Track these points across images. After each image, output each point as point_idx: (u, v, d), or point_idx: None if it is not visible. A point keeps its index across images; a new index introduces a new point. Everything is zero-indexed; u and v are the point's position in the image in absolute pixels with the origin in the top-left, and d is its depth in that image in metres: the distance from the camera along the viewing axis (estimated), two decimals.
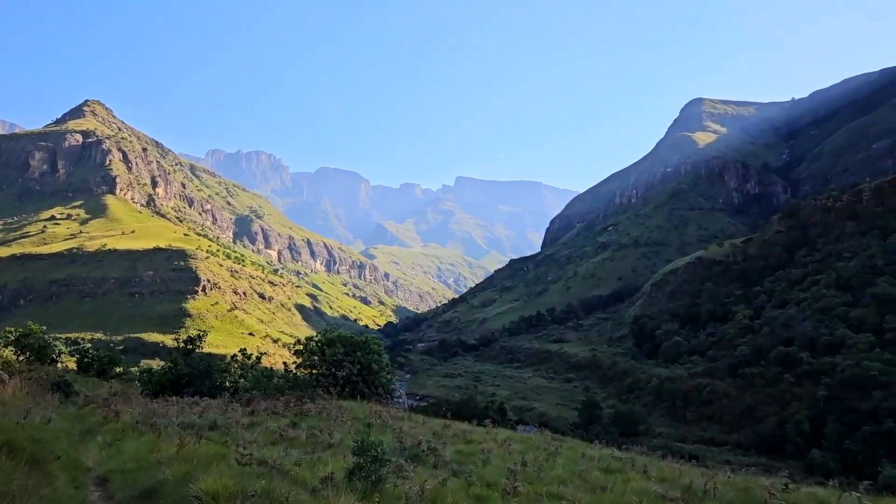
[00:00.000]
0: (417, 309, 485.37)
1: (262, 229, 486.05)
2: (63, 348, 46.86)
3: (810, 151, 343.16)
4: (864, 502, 13.10)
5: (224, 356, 43.83)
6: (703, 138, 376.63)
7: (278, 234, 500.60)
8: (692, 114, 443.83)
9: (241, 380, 31.43)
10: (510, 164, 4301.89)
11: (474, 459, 16.30)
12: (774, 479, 15.90)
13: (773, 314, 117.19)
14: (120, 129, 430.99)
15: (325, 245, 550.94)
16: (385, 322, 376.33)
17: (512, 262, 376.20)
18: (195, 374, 30.67)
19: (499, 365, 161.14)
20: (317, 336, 33.07)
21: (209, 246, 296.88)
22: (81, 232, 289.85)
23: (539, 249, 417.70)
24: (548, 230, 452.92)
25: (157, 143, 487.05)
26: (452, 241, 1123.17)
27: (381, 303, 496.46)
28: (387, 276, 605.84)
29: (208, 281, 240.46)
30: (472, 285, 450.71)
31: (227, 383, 31.25)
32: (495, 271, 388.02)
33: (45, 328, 45.04)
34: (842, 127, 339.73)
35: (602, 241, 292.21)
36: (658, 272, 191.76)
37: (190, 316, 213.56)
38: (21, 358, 38.07)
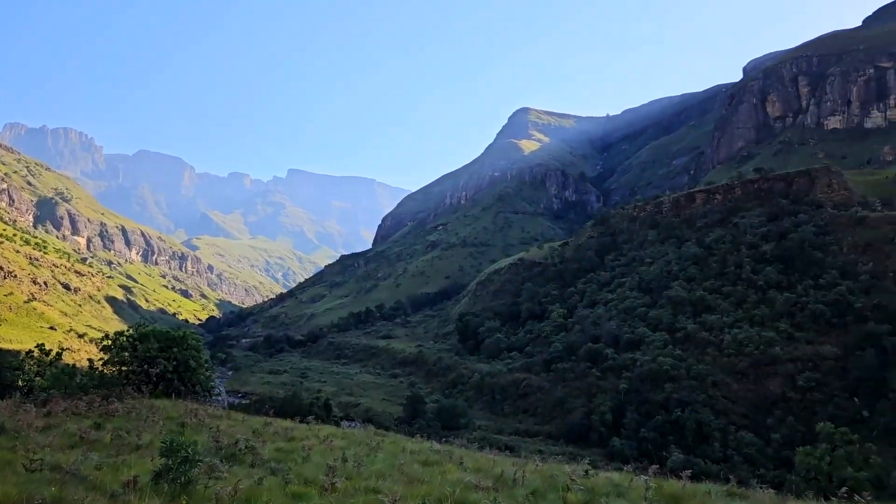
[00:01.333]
0: (243, 303, 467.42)
1: (70, 214, 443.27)
2: None
3: (621, 164, 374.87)
4: (649, 484, 14.64)
5: (18, 352, 39.66)
6: (529, 146, 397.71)
7: (88, 220, 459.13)
8: (519, 122, 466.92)
9: (38, 378, 28.60)
10: (345, 159, 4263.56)
11: (294, 457, 16.12)
12: (577, 467, 17.23)
13: (584, 313, 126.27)
14: None
15: (143, 233, 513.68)
16: (207, 317, 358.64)
17: (343, 257, 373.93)
18: None
19: (326, 361, 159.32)
20: (128, 330, 30.85)
21: (3, 230, 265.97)
22: None
23: (371, 246, 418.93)
24: (380, 227, 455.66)
25: None
26: (282, 235, 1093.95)
27: (204, 296, 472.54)
28: (210, 268, 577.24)
29: (1, 269, 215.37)
30: (302, 280, 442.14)
31: (21, 382, 28.34)
32: (326, 266, 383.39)
33: None
34: (648, 143, 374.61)
35: (432, 240, 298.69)
36: (483, 271, 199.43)
37: None
38: None
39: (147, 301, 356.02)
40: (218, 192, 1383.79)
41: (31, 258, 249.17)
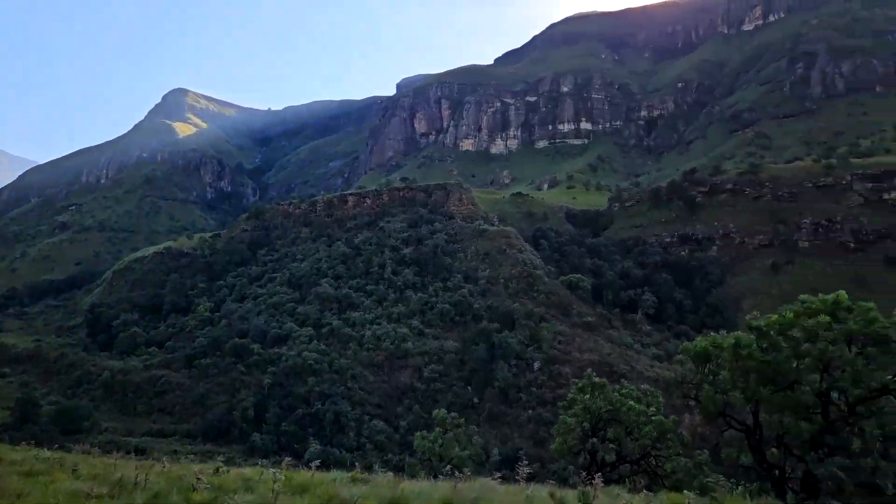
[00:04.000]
0: None
1: None
2: None
3: (280, 160, 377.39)
4: (278, 477, 15.14)
5: None
6: (184, 129, 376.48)
7: None
8: (175, 103, 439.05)
9: None
10: None
11: None
12: (208, 465, 17.06)
13: (232, 307, 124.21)
14: None
15: None
16: None
17: None
18: None
19: None
20: None
21: None
22: None
23: None
24: None
25: None
26: None
27: None
28: None
29: None
30: None
31: None
32: None
33: None
34: (307, 143, 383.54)
35: (62, 220, 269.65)
36: (123, 259, 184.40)
37: None
38: None
39: None
40: None
41: None
